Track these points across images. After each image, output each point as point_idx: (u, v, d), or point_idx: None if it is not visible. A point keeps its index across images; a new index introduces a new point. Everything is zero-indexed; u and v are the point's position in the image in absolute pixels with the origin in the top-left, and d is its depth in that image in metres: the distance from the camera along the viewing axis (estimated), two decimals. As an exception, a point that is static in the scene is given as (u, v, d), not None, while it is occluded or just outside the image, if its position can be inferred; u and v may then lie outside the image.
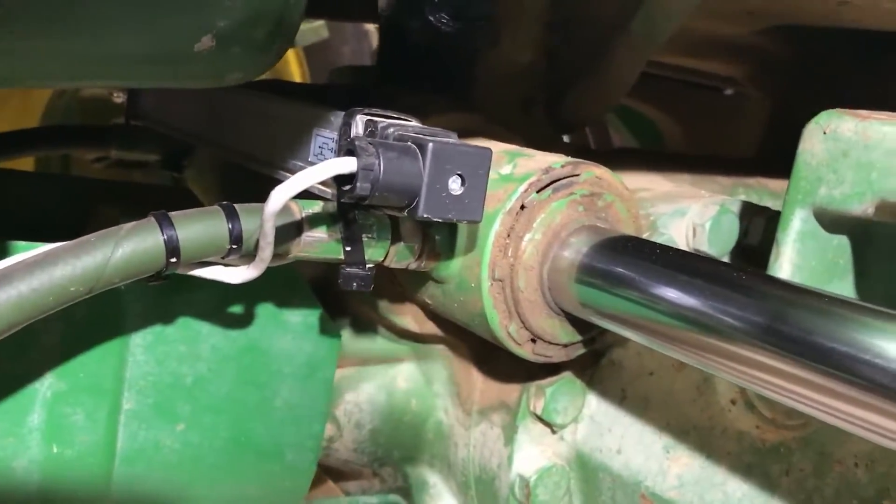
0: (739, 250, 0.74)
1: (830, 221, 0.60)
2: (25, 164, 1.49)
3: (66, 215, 0.79)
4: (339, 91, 0.83)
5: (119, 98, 1.04)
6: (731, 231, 0.72)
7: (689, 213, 0.73)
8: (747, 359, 0.46)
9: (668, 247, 0.56)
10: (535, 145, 0.74)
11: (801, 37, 1.09)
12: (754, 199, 0.93)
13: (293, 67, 2.24)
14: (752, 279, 0.48)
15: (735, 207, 0.73)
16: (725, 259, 0.75)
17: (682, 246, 0.73)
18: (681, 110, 1.47)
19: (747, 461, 0.61)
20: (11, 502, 0.56)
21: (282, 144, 0.63)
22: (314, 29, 1.73)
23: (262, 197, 0.48)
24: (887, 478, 0.55)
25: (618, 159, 0.97)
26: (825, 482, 0.58)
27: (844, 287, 0.65)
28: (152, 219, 0.48)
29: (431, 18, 0.74)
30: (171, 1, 0.47)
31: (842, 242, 0.63)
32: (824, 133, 0.59)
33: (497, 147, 0.64)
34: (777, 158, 0.78)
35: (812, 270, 0.62)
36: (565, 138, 1.46)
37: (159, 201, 0.93)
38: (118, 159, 1.03)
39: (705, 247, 0.72)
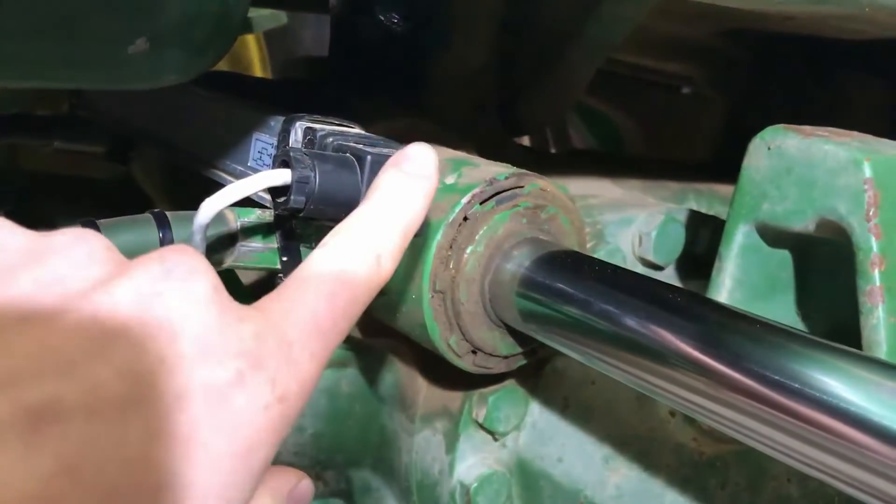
0: (686, 259, 0.75)
1: (773, 237, 0.60)
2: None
3: (12, 210, 0.77)
4: (288, 89, 0.81)
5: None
6: (677, 240, 0.72)
7: (635, 222, 0.73)
8: (678, 380, 0.46)
9: (607, 263, 0.55)
10: (487, 149, 0.73)
11: (758, 41, 1.09)
12: (704, 206, 0.94)
13: (252, 53, 2.20)
14: (686, 300, 0.48)
15: (682, 216, 0.73)
16: (671, 268, 0.75)
17: (629, 255, 0.73)
18: (640, 110, 1.47)
19: (685, 474, 0.62)
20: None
21: (222, 146, 0.61)
22: (272, 15, 1.69)
23: (204, 197, 0.46)
24: (818, 494, 0.56)
25: (570, 163, 0.97)
26: (759, 497, 0.59)
27: (786, 301, 0.65)
28: (79, 227, 0.47)
29: (382, 17, 0.73)
30: (102, 5, 0.45)
31: (784, 257, 0.63)
32: (769, 149, 0.59)
33: (444, 154, 0.63)
34: (731, 162, 0.78)
35: (754, 285, 0.63)
36: (527, 140, 1.47)
37: (102, 196, 0.91)
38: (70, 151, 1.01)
39: (651, 255, 0.72)
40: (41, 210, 0.71)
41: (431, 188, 0.42)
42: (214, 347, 0.30)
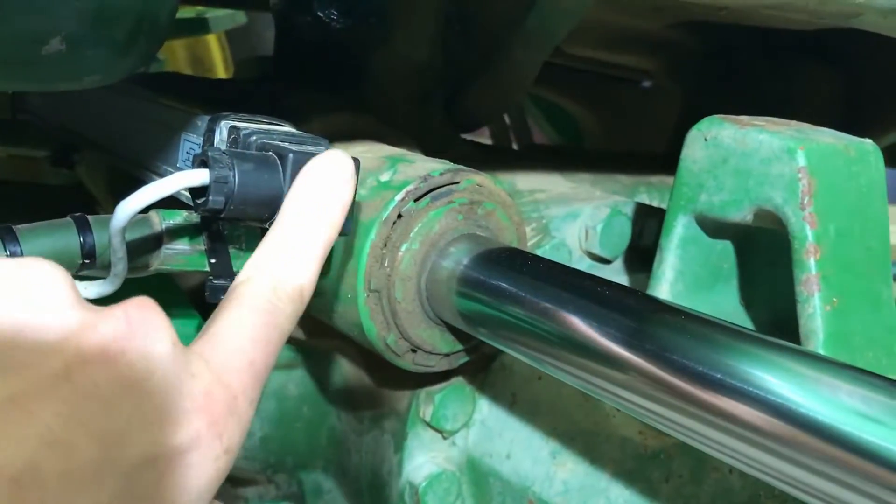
0: (633, 252, 0.74)
1: (712, 227, 0.60)
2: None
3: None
4: (227, 87, 0.80)
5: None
6: (622, 233, 0.72)
7: (581, 215, 0.72)
8: (611, 377, 0.45)
9: (544, 259, 0.55)
10: (431, 145, 0.72)
11: (710, 32, 1.09)
12: (655, 199, 0.94)
13: (214, 54, 2.19)
14: (617, 295, 0.48)
15: (628, 209, 0.73)
16: (619, 261, 0.75)
17: (575, 249, 0.73)
18: (598, 104, 1.47)
19: (629, 467, 0.61)
20: None
21: (153, 148, 0.60)
22: (230, 15, 1.68)
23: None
24: (759, 484, 0.56)
25: (520, 158, 0.97)
26: (702, 488, 0.58)
27: (729, 291, 0.65)
28: (-6, 233, 0.46)
29: (321, 14, 0.72)
30: (10, 3, 0.44)
31: (725, 247, 0.63)
32: (705, 140, 0.59)
33: (381, 151, 0.62)
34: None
35: (695, 275, 0.62)
36: (488, 135, 1.46)
37: (51, 204, 0.89)
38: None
39: (597, 249, 0.71)
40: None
41: (347, 199, 0.43)
42: (174, 409, 0.33)
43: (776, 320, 0.63)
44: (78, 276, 0.50)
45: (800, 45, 1.07)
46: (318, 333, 0.70)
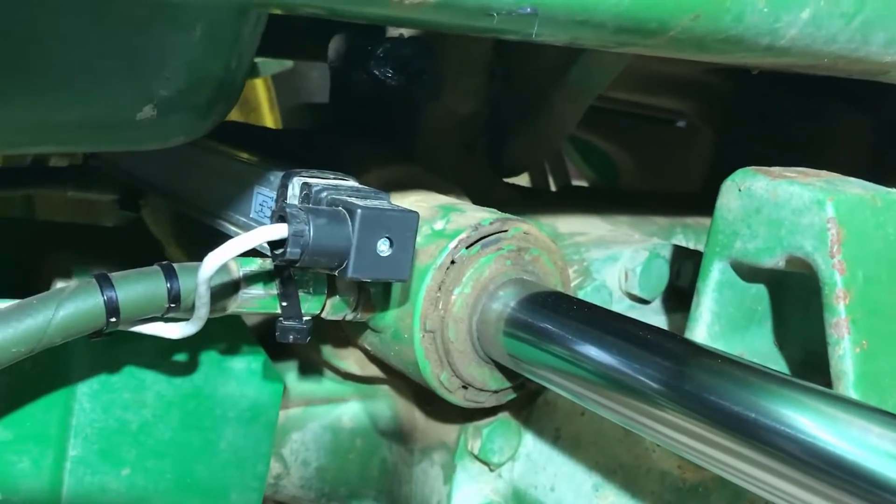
0: (671, 292, 0.78)
1: (747, 272, 0.64)
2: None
3: (20, 260, 0.81)
4: (289, 138, 0.86)
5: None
6: (661, 275, 0.76)
7: (621, 258, 0.76)
8: (652, 414, 0.49)
9: (586, 303, 0.59)
10: (475, 191, 0.77)
11: (743, 77, 1.13)
12: (692, 240, 0.97)
13: (261, 95, 2.26)
14: (657, 338, 0.51)
15: (666, 252, 0.77)
16: (657, 302, 0.78)
17: (615, 290, 0.76)
18: (634, 144, 1.51)
19: (668, 499, 0.65)
20: (-43, 550, 0.58)
21: (225, 198, 0.65)
22: (279, 60, 1.75)
23: (212, 246, 0.50)
24: (794, 518, 0.58)
25: (559, 201, 1.01)
26: (739, 521, 0.61)
27: (763, 332, 0.69)
28: (93, 280, 0.51)
29: (376, 72, 0.77)
30: (113, 73, 0.49)
31: (759, 291, 0.66)
32: (739, 190, 0.63)
33: (434, 201, 0.67)
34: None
35: (730, 317, 0.66)
36: (526, 175, 1.50)
37: (114, 244, 0.95)
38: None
39: (636, 291, 0.75)
40: (57, 258, 0.75)
41: None
42: None
43: (808, 360, 0.66)
44: (163, 318, 0.55)
45: (830, 90, 1.10)
46: (371, 369, 0.74)
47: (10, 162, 1.06)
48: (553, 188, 1.50)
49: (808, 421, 0.43)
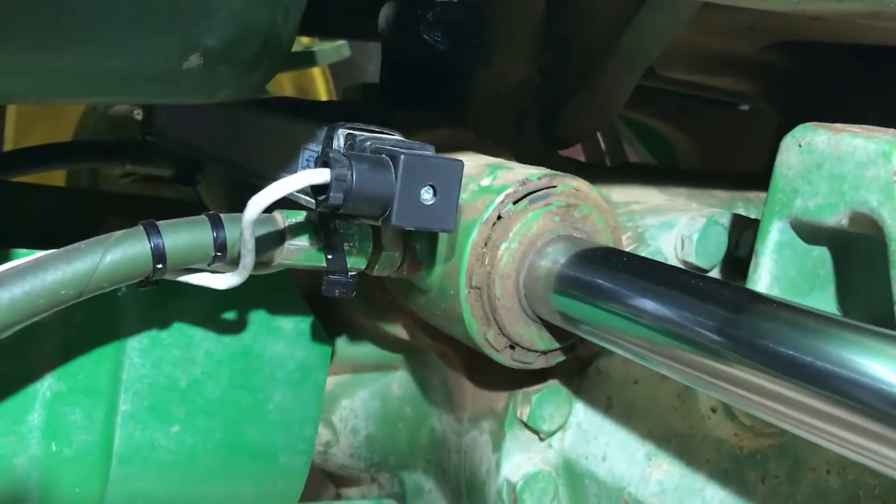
0: (729, 263, 0.75)
1: (808, 233, 0.61)
2: (57, 177, 1.55)
3: (80, 227, 0.83)
4: (338, 107, 0.86)
5: (139, 115, 1.08)
6: (719, 243, 0.73)
7: (677, 225, 0.74)
8: (721, 371, 0.47)
9: (644, 258, 0.57)
10: (527, 160, 0.76)
11: (805, 52, 1.09)
12: (752, 214, 0.94)
13: (319, 86, 2.29)
14: (724, 290, 0.50)
15: (724, 220, 0.74)
16: (715, 272, 0.76)
17: (671, 258, 0.74)
18: (694, 127, 1.47)
19: (725, 468, 0.62)
20: (12, 498, 0.59)
21: (275, 158, 0.65)
22: (336, 48, 1.76)
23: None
24: (857, 484, 0.56)
25: (615, 173, 0.99)
26: (798, 489, 0.59)
27: (826, 297, 0.66)
28: (140, 227, 0.51)
29: (426, 37, 0.76)
30: (159, 21, 0.50)
31: (822, 253, 0.63)
32: (799, 146, 0.60)
33: (481, 160, 0.66)
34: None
35: (791, 281, 0.63)
36: (581, 156, 1.48)
37: (169, 214, 0.97)
38: (144, 175, 1.07)
39: (693, 259, 0.73)
40: (116, 223, 0.77)
41: None
42: None
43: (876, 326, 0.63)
44: (209, 269, 0.55)
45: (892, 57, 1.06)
46: (420, 335, 0.73)
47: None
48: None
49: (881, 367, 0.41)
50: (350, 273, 0.57)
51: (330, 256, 0.55)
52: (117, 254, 0.50)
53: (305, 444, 0.69)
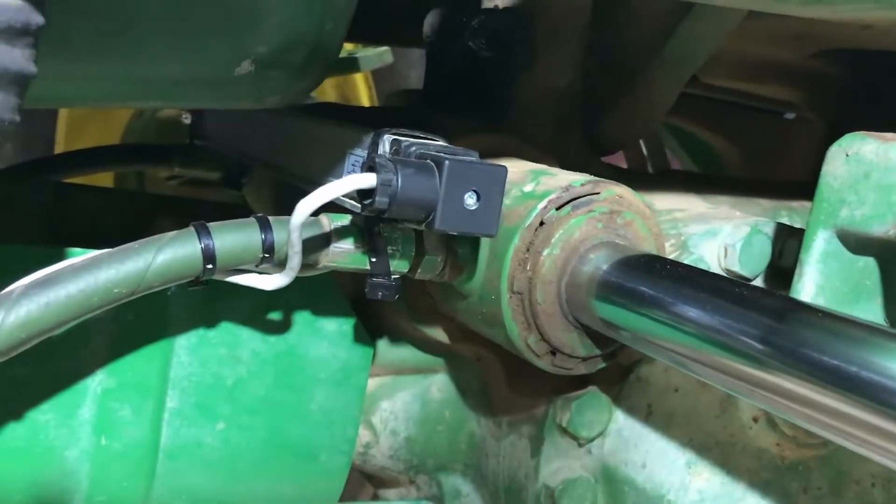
0: (772, 272, 0.75)
1: (855, 243, 0.61)
2: (105, 179, 1.59)
3: (129, 227, 0.85)
4: (382, 113, 0.87)
5: (187, 119, 1.10)
6: (762, 252, 0.73)
7: (720, 233, 0.74)
8: (764, 380, 0.47)
9: (688, 265, 0.57)
10: (570, 166, 0.76)
11: (853, 60, 1.08)
12: (797, 223, 0.93)
13: (361, 91, 2.31)
14: (768, 299, 0.49)
15: (768, 229, 0.74)
16: (758, 281, 0.75)
17: (714, 267, 0.74)
18: (739, 136, 1.46)
19: (766, 478, 0.62)
20: (63, 489, 0.61)
21: (321, 163, 0.67)
22: (379, 55, 1.78)
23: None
24: (903, 498, 0.55)
25: (658, 181, 0.99)
26: (842, 501, 0.58)
27: (872, 309, 0.65)
28: (192, 228, 0.53)
29: (471, 44, 0.77)
30: (212, 29, 0.51)
31: (868, 264, 0.63)
32: (846, 155, 0.60)
33: (524, 166, 0.66)
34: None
35: (836, 291, 0.63)
36: (624, 163, 1.48)
37: (214, 216, 0.99)
38: (190, 178, 1.10)
39: (736, 268, 0.72)
40: (163, 225, 0.79)
41: None
42: None
43: (923, 339, 0.62)
44: (257, 270, 0.56)
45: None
46: (460, 339, 0.74)
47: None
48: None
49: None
50: (393, 276, 0.57)
51: (374, 259, 0.56)
52: (169, 254, 0.51)
53: (346, 444, 0.70)
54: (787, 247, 0.74)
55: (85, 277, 0.49)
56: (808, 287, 0.62)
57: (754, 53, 1.18)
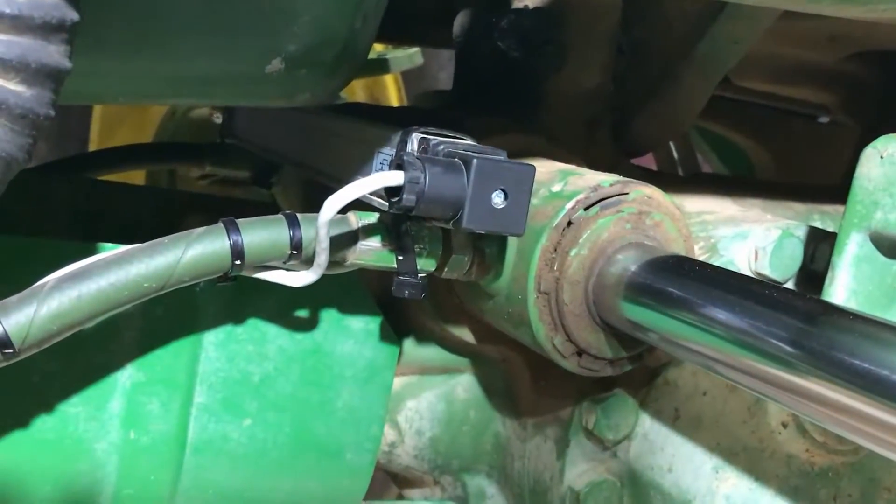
0: (804, 276, 0.74)
1: (889, 246, 0.60)
2: (137, 177, 1.61)
3: (160, 224, 0.86)
4: (411, 113, 0.87)
5: (218, 119, 1.11)
6: (794, 256, 0.72)
7: (751, 236, 0.73)
8: (794, 384, 0.46)
9: (716, 267, 0.57)
10: (598, 167, 0.75)
11: (889, 62, 1.06)
12: (829, 227, 0.92)
13: (391, 93, 2.31)
14: (799, 301, 0.49)
15: (800, 232, 0.73)
16: (789, 285, 0.74)
17: (744, 270, 0.73)
18: (771, 139, 1.44)
19: (795, 484, 0.61)
20: (92, 481, 0.61)
21: (350, 161, 0.67)
22: (409, 56, 1.78)
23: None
24: (935, 507, 0.54)
25: (688, 183, 0.98)
26: (873, 509, 0.57)
27: (906, 314, 0.64)
28: (221, 224, 0.53)
29: (500, 44, 0.77)
30: (244, 26, 0.52)
31: (902, 268, 0.62)
32: (881, 157, 0.59)
33: (552, 166, 0.66)
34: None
35: (868, 295, 0.62)
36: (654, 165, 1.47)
37: (244, 214, 1.00)
38: (221, 177, 1.11)
39: (767, 271, 0.71)
40: (194, 221, 0.80)
41: None
42: None
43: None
44: (285, 266, 0.57)
45: None
46: (486, 339, 0.74)
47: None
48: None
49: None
50: (420, 275, 0.57)
51: (401, 258, 0.56)
52: (198, 249, 0.52)
53: (371, 443, 0.70)
54: (819, 250, 0.73)
55: (116, 271, 0.49)
56: (840, 291, 0.61)
57: (788, 56, 1.16)
